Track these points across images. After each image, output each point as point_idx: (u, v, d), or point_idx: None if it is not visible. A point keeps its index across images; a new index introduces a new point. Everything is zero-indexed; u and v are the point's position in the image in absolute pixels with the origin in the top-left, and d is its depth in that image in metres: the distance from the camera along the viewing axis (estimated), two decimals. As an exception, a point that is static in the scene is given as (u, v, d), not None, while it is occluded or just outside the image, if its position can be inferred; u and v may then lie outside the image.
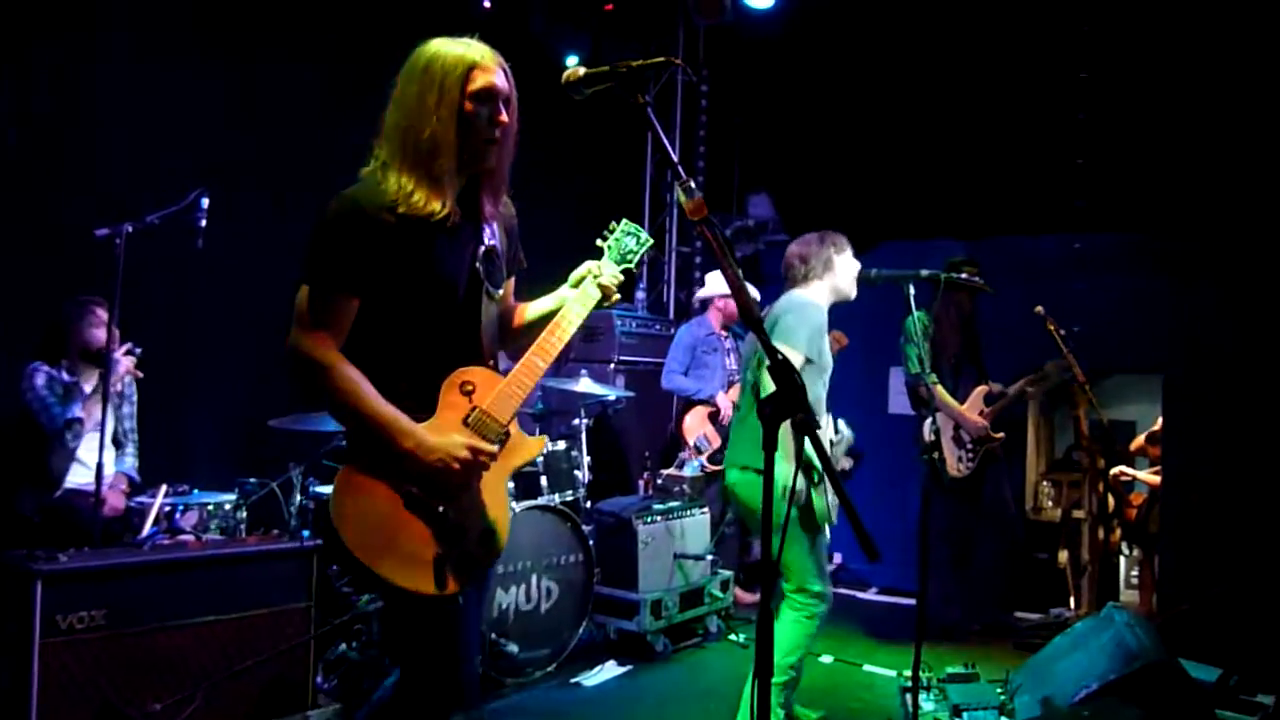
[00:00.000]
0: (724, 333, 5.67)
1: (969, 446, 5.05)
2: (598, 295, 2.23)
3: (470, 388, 2.06)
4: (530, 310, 2.34)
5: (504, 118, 2.04)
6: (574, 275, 2.30)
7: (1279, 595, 4.24)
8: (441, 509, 1.98)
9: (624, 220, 2.34)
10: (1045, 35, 5.71)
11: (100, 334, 3.96)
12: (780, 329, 3.32)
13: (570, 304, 2.21)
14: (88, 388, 4.02)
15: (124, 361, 3.95)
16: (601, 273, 2.25)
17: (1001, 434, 5.07)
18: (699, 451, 5.43)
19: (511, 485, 4.03)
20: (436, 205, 1.99)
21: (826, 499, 3.27)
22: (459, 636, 2.11)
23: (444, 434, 1.97)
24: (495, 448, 2.03)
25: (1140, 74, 5.40)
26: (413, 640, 2.07)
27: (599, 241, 2.31)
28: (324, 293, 1.96)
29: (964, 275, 4.17)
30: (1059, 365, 4.93)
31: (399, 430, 1.93)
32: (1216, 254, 5.13)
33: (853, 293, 3.58)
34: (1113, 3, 5.51)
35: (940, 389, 5.02)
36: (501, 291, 2.20)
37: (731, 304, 5.53)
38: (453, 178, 2.03)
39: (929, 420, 4.42)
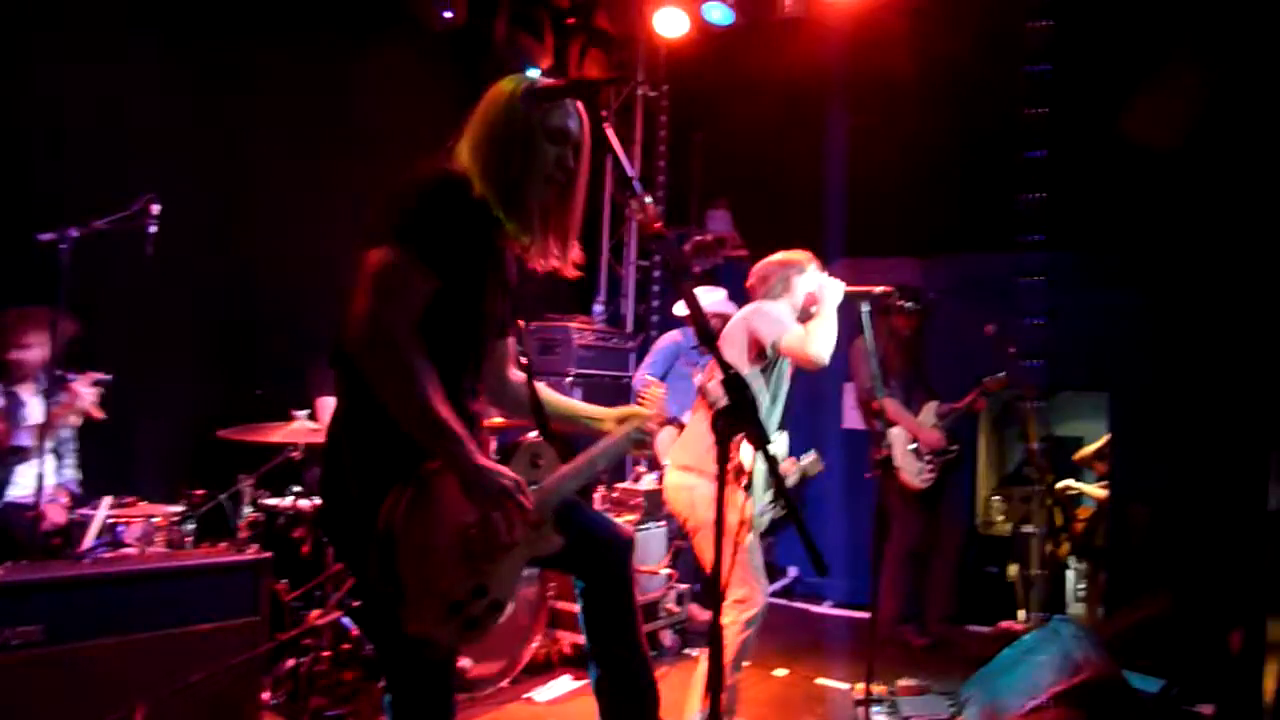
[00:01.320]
0: (705, 348, 5.67)
1: (927, 459, 5.13)
2: (636, 441, 2.30)
3: (540, 463, 2.13)
4: (550, 397, 2.37)
5: (570, 163, 2.05)
6: (619, 412, 2.35)
7: (1219, 607, 4.34)
8: (479, 565, 1.93)
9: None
10: (995, 57, 5.84)
11: (28, 356, 3.91)
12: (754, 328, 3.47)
13: (617, 438, 2.28)
14: (29, 403, 3.91)
15: (86, 395, 3.86)
16: (645, 424, 2.30)
17: (957, 446, 5.20)
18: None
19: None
20: (524, 236, 2.02)
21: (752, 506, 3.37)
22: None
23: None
24: (532, 514, 2.00)
25: (1090, 94, 5.53)
26: (404, 676, 2.08)
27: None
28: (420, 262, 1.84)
29: (882, 293, 4.00)
30: (997, 379, 5.12)
31: (470, 447, 1.85)
32: (1159, 273, 5.27)
33: (813, 309, 3.64)
34: (1057, 29, 5.65)
35: (892, 403, 5.12)
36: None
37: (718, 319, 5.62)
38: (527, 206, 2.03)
39: (883, 435, 4.55)
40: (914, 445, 5.14)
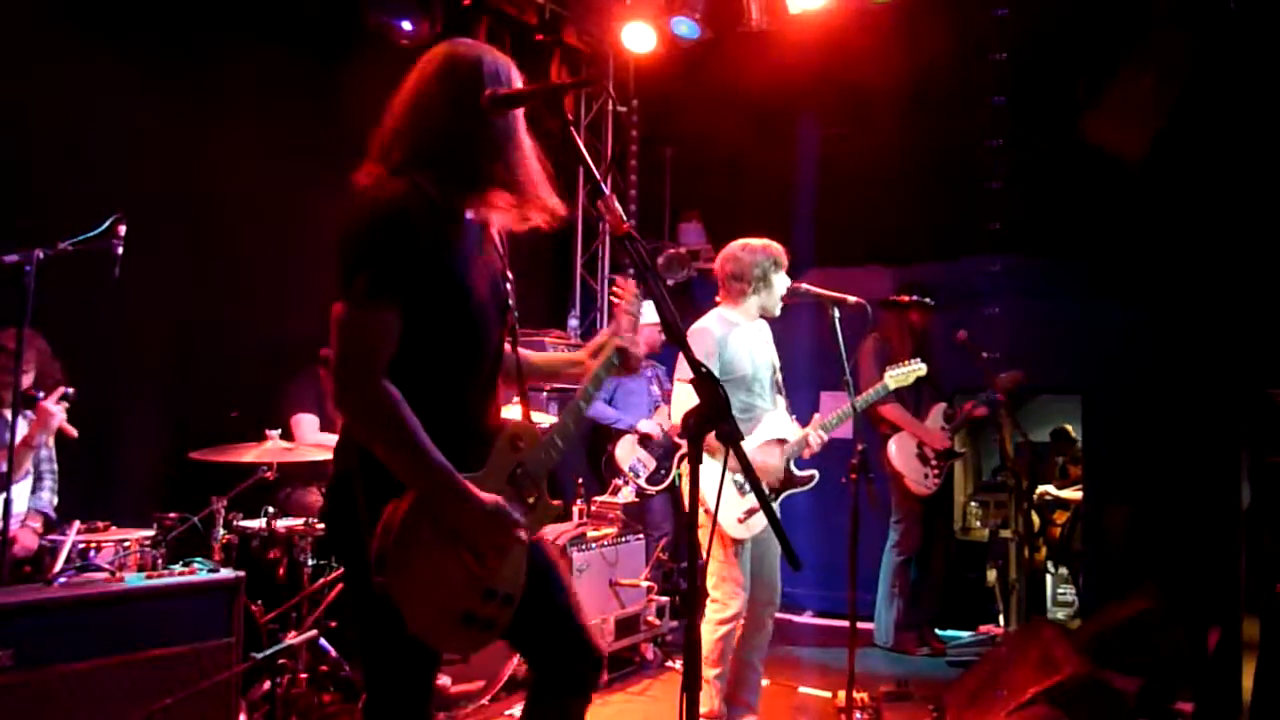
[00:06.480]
0: (647, 360, 5.70)
1: (934, 463, 5.12)
2: (612, 364, 2.25)
3: (521, 445, 2.06)
4: (531, 358, 2.33)
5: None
6: (592, 345, 2.32)
7: (1195, 606, 4.38)
8: (484, 566, 1.92)
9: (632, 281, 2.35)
10: (962, 65, 5.92)
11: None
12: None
13: (594, 370, 2.23)
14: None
15: (56, 413, 3.78)
16: (617, 342, 2.27)
17: (965, 450, 5.24)
18: (636, 476, 5.42)
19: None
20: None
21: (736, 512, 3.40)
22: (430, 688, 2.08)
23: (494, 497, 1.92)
24: (525, 537, 1.98)
25: (1055, 99, 5.62)
26: (396, 686, 2.01)
27: (613, 300, 2.35)
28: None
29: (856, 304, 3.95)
30: (1010, 376, 5.11)
31: (455, 482, 1.84)
32: (1130, 276, 5.34)
33: (777, 311, 3.69)
34: (1024, 34, 5.74)
35: (894, 407, 5.12)
36: None
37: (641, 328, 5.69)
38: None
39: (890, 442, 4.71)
40: (919, 449, 5.15)
